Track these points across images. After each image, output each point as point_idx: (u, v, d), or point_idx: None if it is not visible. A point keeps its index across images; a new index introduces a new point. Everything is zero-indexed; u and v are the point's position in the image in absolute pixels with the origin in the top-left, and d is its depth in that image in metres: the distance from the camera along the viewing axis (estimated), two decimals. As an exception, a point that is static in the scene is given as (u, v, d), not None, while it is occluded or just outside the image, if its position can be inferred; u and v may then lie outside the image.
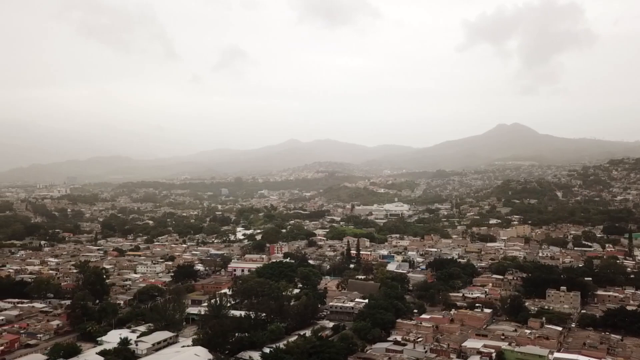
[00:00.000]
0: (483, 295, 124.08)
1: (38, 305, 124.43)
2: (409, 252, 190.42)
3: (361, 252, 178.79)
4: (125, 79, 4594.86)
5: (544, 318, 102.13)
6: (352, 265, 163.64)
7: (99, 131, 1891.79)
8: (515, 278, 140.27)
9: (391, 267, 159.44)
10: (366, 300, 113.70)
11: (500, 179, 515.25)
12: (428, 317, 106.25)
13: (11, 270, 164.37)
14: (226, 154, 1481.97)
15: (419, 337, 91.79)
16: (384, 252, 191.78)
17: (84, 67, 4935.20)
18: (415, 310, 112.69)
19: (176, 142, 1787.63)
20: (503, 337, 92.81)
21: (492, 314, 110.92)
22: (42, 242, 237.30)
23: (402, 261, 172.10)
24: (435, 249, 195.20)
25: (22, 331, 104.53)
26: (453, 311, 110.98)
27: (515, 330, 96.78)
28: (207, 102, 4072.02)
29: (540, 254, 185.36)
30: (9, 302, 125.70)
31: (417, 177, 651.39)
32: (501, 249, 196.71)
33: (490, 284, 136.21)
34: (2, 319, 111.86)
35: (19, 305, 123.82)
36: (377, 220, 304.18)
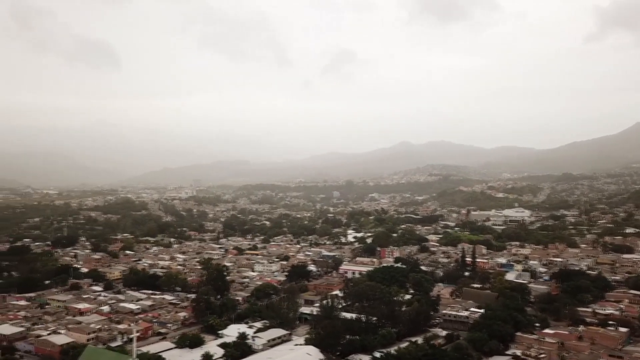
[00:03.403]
0: (618, 312, 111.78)
1: (168, 297, 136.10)
2: (531, 262, 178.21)
3: (477, 260, 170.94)
4: (242, 86, 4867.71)
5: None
6: (467, 273, 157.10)
7: (219, 137, 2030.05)
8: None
9: (510, 276, 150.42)
10: (482, 310, 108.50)
11: (639, 184, 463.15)
12: (552, 332, 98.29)
13: (146, 265, 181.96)
14: (337, 157, 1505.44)
15: (541, 353, 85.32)
16: (503, 260, 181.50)
17: (205, 76, 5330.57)
18: (537, 324, 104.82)
19: (289, 146, 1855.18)
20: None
21: (628, 333, 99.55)
22: (172, 240, 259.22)
23: (523, 271, 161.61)
24: (561, 259, 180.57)
25: (154, 320, 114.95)
26: (581, 327, 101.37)
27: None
28: (318, 106, 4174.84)
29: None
30: (144, 293, 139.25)
31: (540, 181, 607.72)
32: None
33: (627, 300, 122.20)
34: (139, 308, 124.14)
35: (152, 296, 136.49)
36: (495, 227, 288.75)
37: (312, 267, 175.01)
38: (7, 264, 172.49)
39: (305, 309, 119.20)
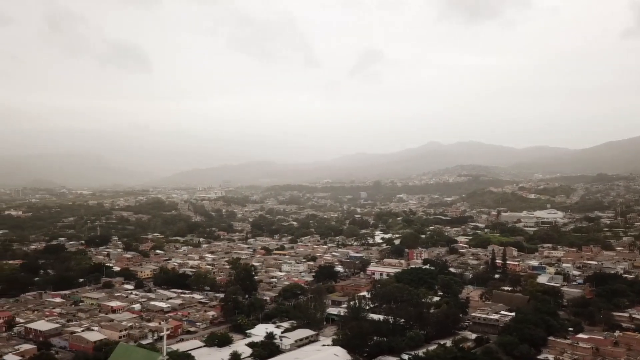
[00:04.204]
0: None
1: (197, 296, 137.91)
2: (563, 264, 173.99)
3: (507, 262, 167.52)
4: (270, 88, 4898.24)
5: None
6: (497, 276, 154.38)
7: (248, 138, 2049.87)
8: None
9: (542, 279, 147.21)
10: (513, 314, 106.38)
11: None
12: (586, 337, 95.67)
13: (175, 264, 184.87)
14: (365, 158, 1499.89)
15: (575, 358, 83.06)
16: (534, 262, 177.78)
17: (233, 78, 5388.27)
18: (571, 329, 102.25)
19: (317, 147, 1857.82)
20: (683, 368, 79.87)
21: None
22: (201, 239, 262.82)
23: (555, 274, 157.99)
24: (595, 262, 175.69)
25: (184, 319, 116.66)
26: (617, 333, 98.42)
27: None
28: (346, 107, 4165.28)
29: None
30: (174, 292, 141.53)
31: (573, 182, 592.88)
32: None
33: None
34: (169, 307, 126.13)
35: (182, 295, 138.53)
36: (526, 228, 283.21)
37: (339, 268, 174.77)
38: (44, 262, 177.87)
39: (333, 310, 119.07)
